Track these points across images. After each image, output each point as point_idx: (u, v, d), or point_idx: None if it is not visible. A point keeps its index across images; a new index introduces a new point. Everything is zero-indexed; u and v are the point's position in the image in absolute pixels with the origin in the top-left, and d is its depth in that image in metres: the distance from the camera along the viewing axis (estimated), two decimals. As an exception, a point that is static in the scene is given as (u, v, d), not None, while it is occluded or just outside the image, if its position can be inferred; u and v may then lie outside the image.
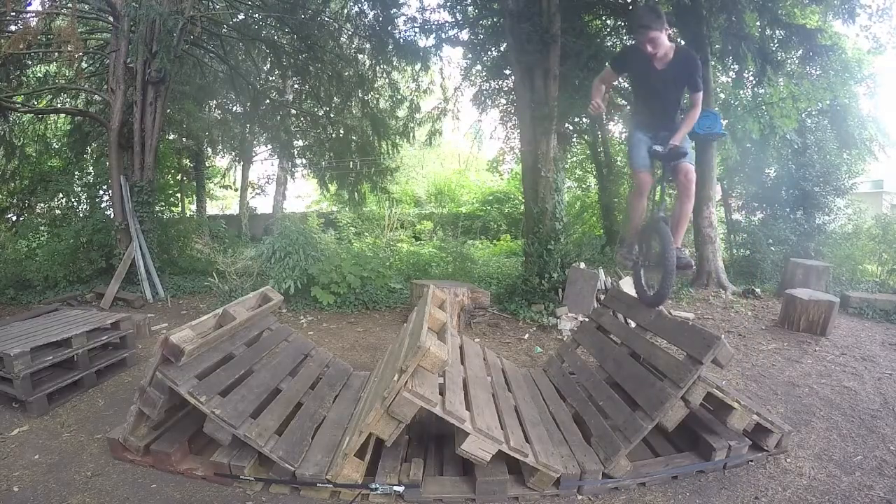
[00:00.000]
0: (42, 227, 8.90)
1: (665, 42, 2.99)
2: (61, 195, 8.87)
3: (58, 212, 9.06)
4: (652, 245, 3.51)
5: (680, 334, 2.78)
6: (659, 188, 3.53)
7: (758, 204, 10.20)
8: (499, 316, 6.08)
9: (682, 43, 7.49)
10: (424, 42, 9.21)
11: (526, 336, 5.42)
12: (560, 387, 3.50)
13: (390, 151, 11.99)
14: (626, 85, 10.52)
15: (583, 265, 6.64)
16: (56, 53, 7.61)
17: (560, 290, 6.19)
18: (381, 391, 2.44)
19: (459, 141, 16.28)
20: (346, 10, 10.00)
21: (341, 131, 11.94)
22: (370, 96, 11.25)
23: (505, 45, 7.96)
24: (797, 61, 7.93)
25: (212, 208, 19.90)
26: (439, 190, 18.55)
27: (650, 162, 3.33)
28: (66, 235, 7.51)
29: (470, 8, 8.81)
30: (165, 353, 2.51)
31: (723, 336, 2.52)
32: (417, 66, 10.00)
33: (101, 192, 8.39)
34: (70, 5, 7.07)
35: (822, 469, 2.72)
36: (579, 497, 2.52)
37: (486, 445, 2.37)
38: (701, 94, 3.22)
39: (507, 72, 9.37)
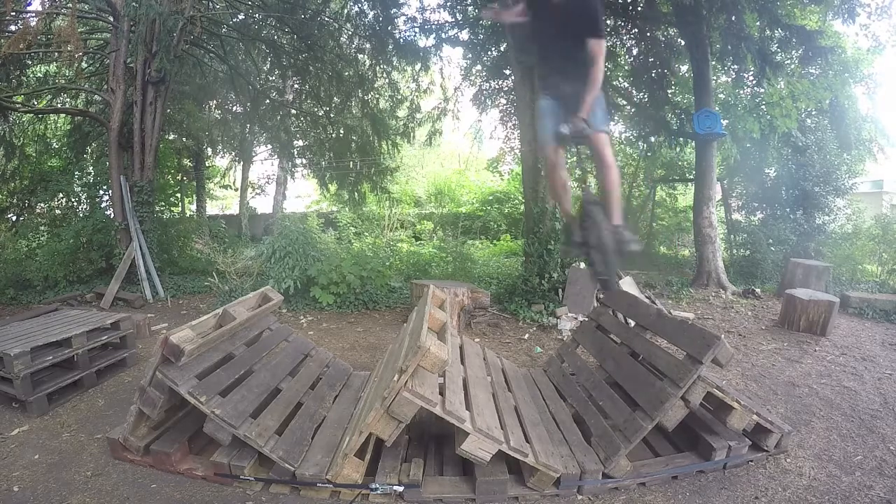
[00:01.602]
0: (42, 227, 8.89)
1: None
2: (61, 195, 8.86)
3: (58, 212, 9.05)
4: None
5: (680, 334, 2.78)
6: (578, 167, 3.05)
7: (758, 204, 10.21)
8: (499, 316, 6.08)
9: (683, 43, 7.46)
10: (424, 42, 9.22)
11: (526, 336, 5.42)
12: (560, 387, 3.50)
13: (390, 151, 11.98)
14: (626, 84, 10.58)
15: (583, 265, 6.64)
16: (56, 53, 7.59)
17: (560, 290, 6.19)
18: (381, 391, 2.43)
19: (459, 141, 16.29)
20: (346, 10, 10.00)
21: (341, 131, 11.94)
22: (370, 96, 11.25)
23: (505, 45, 7.96)
24: (797, 61, 7.94)
25: (212, 208, 19.90)
26: (439, 190, 18.53)
27: (557, 138, 2.74)
28: (66, 235, 7.50)
29: (470, 8, 8.82)
30: (165, 353, 2.51)
31: (723, 336, 2.52)
32: (417, 66, 10.01)
33: (101, 192, 8.39)
34: (70, 5, 7.06)
35: (822, 469, 2.72)
36: (579, 497, 2.52)
37: (486, 445, 2.37)
38: (603, 42, 2.51)
39: (507, 72, 9.38)
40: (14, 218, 9.94)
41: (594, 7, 2.47)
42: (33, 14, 7.88)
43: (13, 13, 7.47)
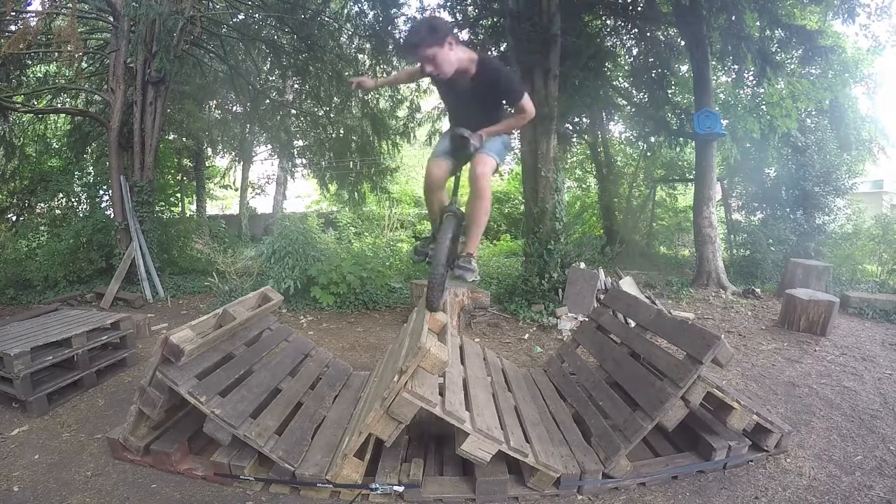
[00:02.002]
0: (42, 227, 8.89)
1: (450, 58, 2.37)
2: (61, 195, 8.86)
3: (58, 212, 9.05)
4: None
5: (680, 334, 2.78)
6: (453, 178, 2.94)
7: (758, 204, 10.22)
8: (499, 316, 6.08)
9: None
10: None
11: (526, 336, 5.42)
12: (560, 387, 3.50)
13: (390, 151, 11.99)
14: (626, 84, 10.58)
15: (583, 265, 6.65)
16: (56, 53, 7.59)
17: (560, 290, 6.19)
18: (381, 391, 2.44)
19: (459, 141, 16.26)
20: (346, 10, 10.00)
21: (341, 131, 11.94)
22: (370, 96, 11.25)
23: (505, 45, 7.96)
24: (797, 61, 7.94)
25: (212, 208, 19.91)
26: (439, 190, 18.51)
27: (450, 149, 2.71)
28: (66, 235, 7.50)
29: (470, 8, 8.82)
30: (165, 353, 2.51)
31: (723, 336, 2.52)
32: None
33: (101, 192, 8.39)
34: (70, 5, 7.06)
35: (822, 469, 2.72)
36: (579, 497, 2.52)
37: (486, 446, 2.37)
38: (524, 100, 2.54)
39: (507, 72, 9.36)
40: (14, 218, 9.94)
41: (508, 81, 2.55)
42: (33, 14, 7.88)
43: (13, 13, 7.47)
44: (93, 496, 2.49)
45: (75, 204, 8.92)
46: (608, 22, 9.42)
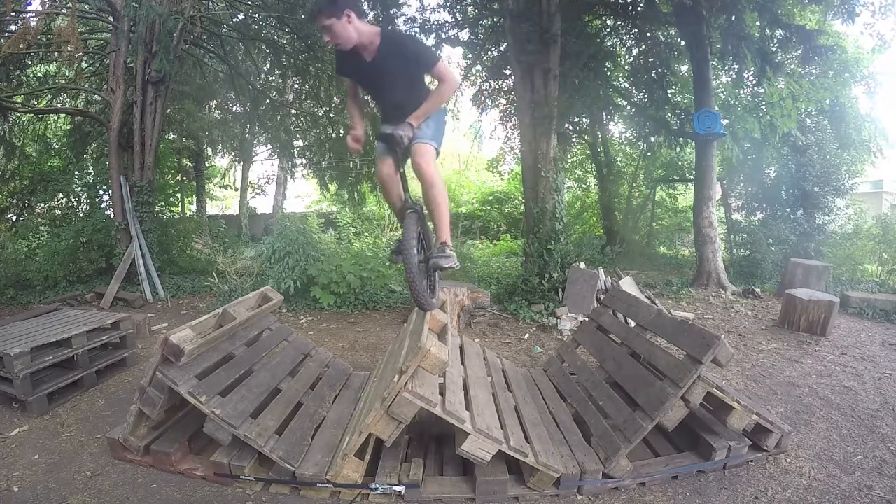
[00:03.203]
0: (42, 227, 8.88)
1: (349, 31, 2.39)
2: (61, 195, 8.85)
3: (58, 212, 9.05)
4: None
5: (680, 334, 2.78)
6: (399, 174, 2.83)
7: (758, 204, 10.21)
8: (499, 316, 6.08)
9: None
10: (424, 42, 9.20)
11: (526, 336, 5.42)
12: (560, 387, 3.50)
13: (390, 151, 11.95)
14: (626, 84, 10.57)
15: (583, 265, 6.65)
16: (56, 53, 7.60)
17: (560, 290, 6.19)
18: (381, 391, 2.44)
19: (459, 141, 16.26)
20: (345, 10, 9.97)
21: (341, 131, 11.92)
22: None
23: (505, 45, 7.97)
24: (797, 61, 7.93)
25: (212, 208, 19.90)
26: (439, 190, 18.51)
27: (387, 148, 2.67)
28: (66, 235, 7.50)
29: (470, 8, 8.82)
30: (165, 353, 2.51)
31: (722, 336, 2.52)
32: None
33: (101, 192, 8.39)
34: (70, 5, 7.06)
35: (822, 469, 2.72)
36: (579, 497, 2.52)
37: (487, 446, 2.37)
38: (440, 65, 2.49)
39: (507, 72, 9.38)
40: (14, 218, 9.95)
41: (416, 48, 2.53)
42: (33, 14, 7.88)
43: (13, 13, 7.47)
44: (93, 496, 2.49)
45: (75, 204, 8.91)
46: (608, 22, 9.42)
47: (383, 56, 2.50)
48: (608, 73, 9.23)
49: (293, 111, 12.25)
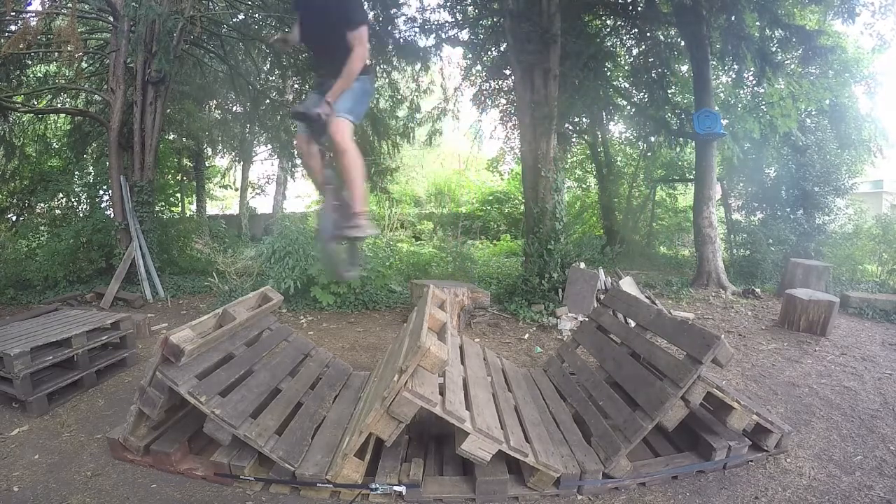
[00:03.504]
0: (42, 227, 8.88)
1: None
2: (61, 195, 8.85)
3: (58, 212, 9.04)
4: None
5: (680, 334, 2.78)
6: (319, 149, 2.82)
7: (758, 204, 10.21)
8: (499, 316, 6.08)
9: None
10: (424, 42, 9.19)
11: (526, 336, 5.42)
12: (560, 387, 3.50)
13: (390, 151, 11.96)
14: (626, 84, 10.57)
15: (583, 265, 6.64)
16: (56, 53, 7.60)
17: (560, 290, 6.19)
18: (381, 391, 2.43)
19: (459, 141, 16.27)
20: (345, 10, 9.97)
21: (341, 131, 11.91)
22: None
23: (505, 45, 7.97)
24: (797, 61, 7.93)
25: (212, 208, 19.87)
26: (439, 190, 18.53)
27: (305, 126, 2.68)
28: (66, 235, 7.50)
29: (470, 8, 8.82)
30: (165, 353, 2.51)
31: (722, 336, 2.52)
32: (417, 66, 9.98)
33: (101, 192, 8.39)
34: (70, 5, 7.06)
35: (822, 469, 2.72)
36: (579, 497, 2.52)
37: (486, 445, 2.37)
38: (362, 29, 2.47)
39: (507, 72, 9.37)
40: (14, 218, 9.94)
41: (346, 3, 2.50)
42: (33, 14, 7.87)
43: (13, 13, 7.47)
44: (93, 496, 2.49)
45: (75, 204, 8.91)
46: (608, 22, 9.42)
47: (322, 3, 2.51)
48: (608, 73, 9.23)
49: (293, 111, 12.22)
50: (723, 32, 7.01)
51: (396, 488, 2.43)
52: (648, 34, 8.84)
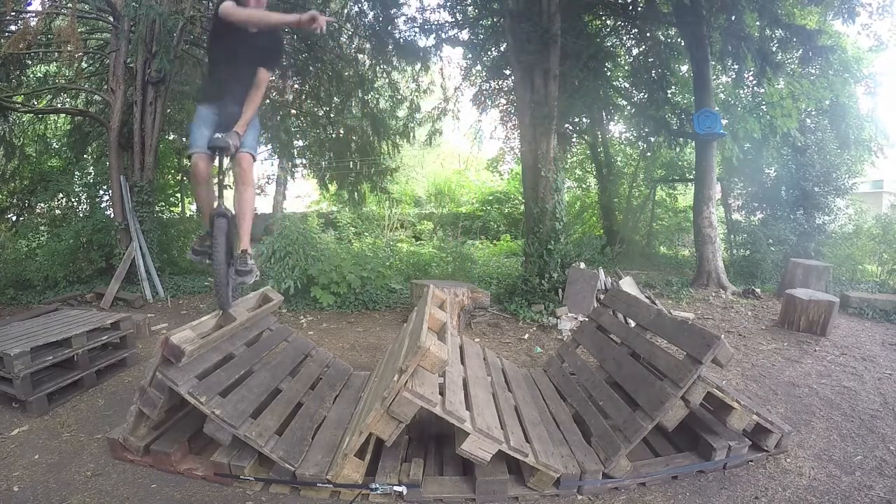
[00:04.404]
0: (42, 227, 8.88)
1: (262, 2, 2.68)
2: (61, 195, 8.84)
3: (58, 212, 9.04)
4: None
5: (680, 334, 2.78)
6: (218, 178, 2.99)
7: (758, 204, 10.21)
8: (499, 316, 6.08)
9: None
10: (424, 42, 9.21)
11: (526, 336, 5.42)
12: (560, 387, 3.50)
13: (390, 151, 11.96)
14: (626, 84, 10.57)
15: (583, 265, 6.64)
16: (56, 53, 7.60)
17: (560, 290, 6.19)
18: (381, 391, 2.43)
19: (459, 141, 16.29)
20: (346, 10, 9.99)
21: (341, 131, 11.91)
22: (370, 96, 11.22)
23: (505, 45, 7.97)
24: (797, 61, 7.94)
25: (212, 208, 19.84)
26: (439, 190, 18.53)
27: (210, 148, 2.81)
28: (66, 235, 7.49)
29: (470, 8, 8.82)
30: (166, 354, 2.51)
31: (722, 336, 2.52)
32: (417, 66, 10.00)
33: (101, 192, 8.39)
34: (70, 5, 7.07)
35: (822, 469, 2.72)
36: (579, 497, 2.52)
37: (486, 445, 2.37)
38: (269, 76, 2.86)
39: (507, 72, 9.38)
40: (14, 218, 9.94)
41: (280, 48, 2.88)
42: (33, 14, 7.88)
43: (13, 13, 7.47)
44: (93, 496, 2.49)
45: (75, 204, 8.91)
46: (608, 22, 9.43)
47: (266, 34, 2.78)
48: (608, 73, 9.23)
49: (293, 111, 12.23)
50: (723, 32, 7.01)
51: (396, 488, 2.43)
52: (648, 34, 8.85)
